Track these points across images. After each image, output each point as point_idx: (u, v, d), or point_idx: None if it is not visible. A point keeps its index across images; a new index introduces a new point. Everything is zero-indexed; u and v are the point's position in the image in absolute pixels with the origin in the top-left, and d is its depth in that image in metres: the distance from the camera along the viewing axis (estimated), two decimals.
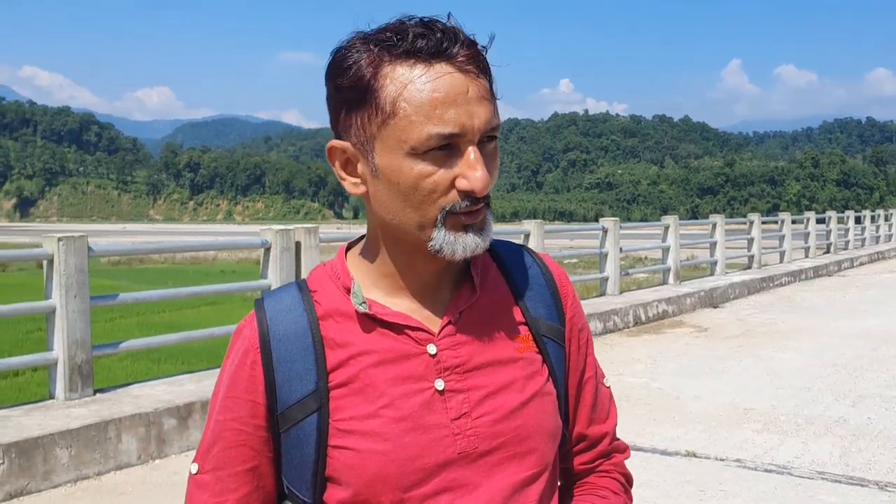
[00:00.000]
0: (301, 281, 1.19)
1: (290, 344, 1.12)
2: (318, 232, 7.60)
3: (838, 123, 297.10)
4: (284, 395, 1.11)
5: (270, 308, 1.15)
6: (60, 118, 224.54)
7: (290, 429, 1.11)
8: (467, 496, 1.09)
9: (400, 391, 1.10)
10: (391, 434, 1.09)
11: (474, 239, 1.07)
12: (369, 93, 1.05)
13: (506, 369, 1.15)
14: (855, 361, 8.43)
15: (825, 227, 22.83)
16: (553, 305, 1.23)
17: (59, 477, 4.89)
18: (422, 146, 1.03)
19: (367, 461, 1.08)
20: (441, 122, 1.02)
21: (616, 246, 12.26)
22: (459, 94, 1.03)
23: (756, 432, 5.91)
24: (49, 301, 5.62)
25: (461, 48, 1.04)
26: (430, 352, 1.12)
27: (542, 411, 1.16)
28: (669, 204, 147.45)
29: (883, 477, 4.93)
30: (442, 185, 1.04)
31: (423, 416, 1.10)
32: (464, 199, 1.05)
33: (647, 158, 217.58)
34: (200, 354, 9.74)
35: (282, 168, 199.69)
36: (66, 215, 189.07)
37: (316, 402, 1.10)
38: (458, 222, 1.06)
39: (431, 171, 1.04)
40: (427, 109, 1.02)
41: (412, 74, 1.03)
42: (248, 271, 24.56)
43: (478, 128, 1.04)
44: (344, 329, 1.13)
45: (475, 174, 1.03)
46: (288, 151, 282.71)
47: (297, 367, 1.11)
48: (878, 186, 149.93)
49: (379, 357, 1.11)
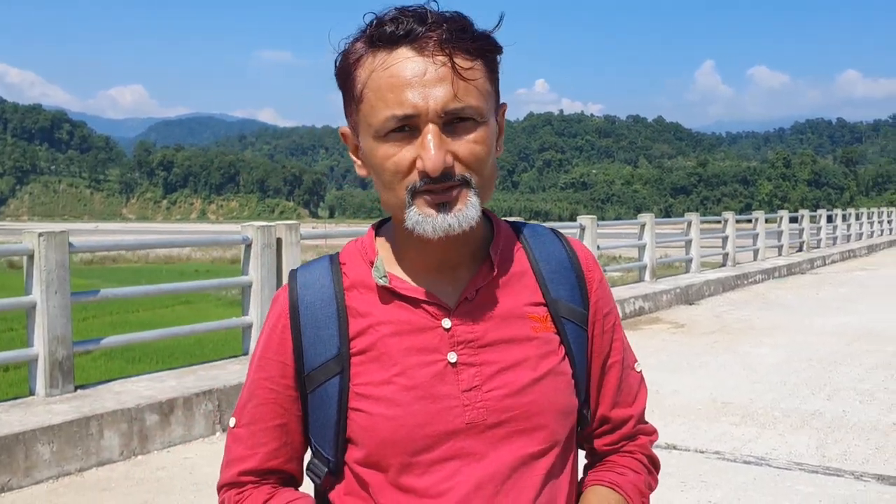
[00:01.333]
0: (335, 254, 1.27)
1: (316, 311, 1.20)
2: (298, 229, 7.60)
3: (810, 124, 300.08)
4: (310, 357, 1.20)
5: (302, 278, 1.24)
6: (32, 116, 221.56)
7: (315, 389, 1.20)
8: (473, 464, 1.14)
9: (413, 361, 1.15)
10: (402, 401, 1.14)
11: (445, 219, 1.10)
12: (349, 82, 1.14)
13: (520, 347, 1.19)
14: (829, 357, 8.56)
15: (798, 226, 23.10)
16: (577, 288, 1.26)
17: (41, 473, 4.86)
18: (381, 129, 1.09)
19: (378, 424, 1.14)
20: (394, 105, 1.08)
21: (594, 244, 12.34)
22: (415, 77, 1.07)
23: (734, 425, 6.00)
24: (29, 297, 5.59)
25: (427, 31, 1.08)
26: (445, 326, 1.16)
27: (555, 390, 1.19)
28: (643, 203, 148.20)
29: (858, 467, 5.03)
30: (402, 165, 1.10)
31: (434, 385, 1.14)
32: (422, 178, 1.09)
33: (622, 158, 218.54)
34: (175, 354, 9.70)
35: (257, 167, 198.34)
36: (38, 214, 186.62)
37: (338, 366, 1.17)
38: (426, 202, 1.10)
39: (392, 153, 1.10)
40: (383, 93, 1.08)
41: (375, 62, 1.10)
42: (223, 270, 24.41)
43: (433, 109, 1.07)
44: (366, 300, 1.19)
45: (427, 154, 1.07)
46: (263, 150, 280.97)
47: (322, 332, 1.19)
48: (848, 186, 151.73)
49: (396, 328, 1.17)
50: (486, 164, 1.13)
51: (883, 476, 4.87)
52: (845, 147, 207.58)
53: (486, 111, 1.12)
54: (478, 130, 1.11)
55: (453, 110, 1.08)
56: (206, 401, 5.79)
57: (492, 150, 1.14)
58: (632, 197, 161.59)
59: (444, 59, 1.08)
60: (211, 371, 6.43)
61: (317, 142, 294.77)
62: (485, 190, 1.14)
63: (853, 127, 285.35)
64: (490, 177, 1.15)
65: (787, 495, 4.57)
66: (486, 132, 1.12)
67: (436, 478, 1.14)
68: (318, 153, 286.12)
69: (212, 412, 5.79)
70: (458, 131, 1.09)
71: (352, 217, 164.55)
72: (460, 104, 1.08)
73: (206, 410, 5.77)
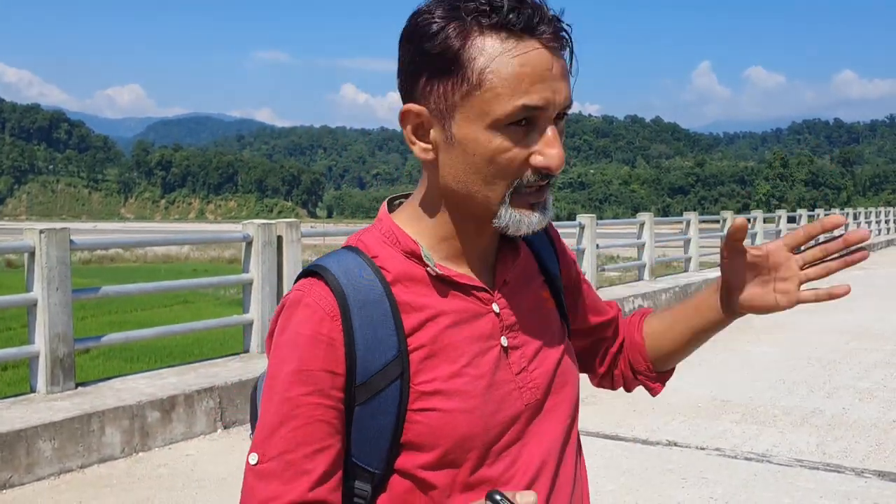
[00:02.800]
0: (352, 247, 1.16)
1: (370, 311, 1.09)
2: (299, 227, 7.61)
3: (807, 124, 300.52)
4: (366, 363, 1.08)
5: (341, 275, 1.11)
6: (30, 115, 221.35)
7: (368, 400, 1.09)
8: (530, 443, 1.16)
9: (476, 349, 1.13)
10: (475, 392, 1.11)
11: (539, 217, 1.11)
12: (457, 62, 1.05)
13: (544, 324, 1.24)
14: (829, 355, 8.58)
15: (796, 226, 23.13)
16: (555, 257, 1.34)
17: (43, 470, 4.87)
18: (506, 118, 1.04)
19: (456, 420, 1.09)
20: (525, 94, 1.04)
21: (592, 243, 12.35)
22: (545, 70, 1.05)
23: (735, 423, 6.01)
24: (30, 294, 5.58)
25: (547, 25, 1.06)
26: (496, 310, 1.17)
27: (573, 359, 1.28)
28: (641, 203, 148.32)
29: (859, 464, 5.04)
30: (517, 161, 1.07)
31: (495, 372, 1.14)
32: (534, 174, 1.07)
33: (619, 158, 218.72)
34: (174, 353, 9.69)
35: (255, 167, 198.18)
36: (36, 213, 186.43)
37: (398, 368, 1.09)
38: (524, 201, 1.09)
39: (509, 147, 1.06)
40: (514, 83, 1.04)
41: (502, 47, 1.04)
42: (221, 270, 24.41)
43: (559, 103, 1.07)
44: (416, 293, 1.13)
45: (553, 151, 1.06)
46: (261, 150, 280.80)
47: (378, 333, 1.09)
48: (845, 186, 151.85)
49: (454, 318, 1.14)
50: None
51: (883, 472, 4.89)
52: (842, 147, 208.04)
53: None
54: (564, 129, 1.12)
55: (567, 107, 1.09)
56: (208, 398, 5.79)
57: None
58: (629, 197, 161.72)
59: (563, 55, 1.09)
60: (212, 368, 6.43)
61: (315, 142, 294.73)
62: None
63: (850, 127, 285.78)
64: None
65: (787, 492, 4.59)
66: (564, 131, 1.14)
67: (503, 465, 1.13)
68: (317, 153, 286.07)
69: (213, 409, 5.80)
70: (559, 128, 1.10)
71: (350, 217, 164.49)
72: (570, 102, 1.10)
73: (208, 407, 5.78)
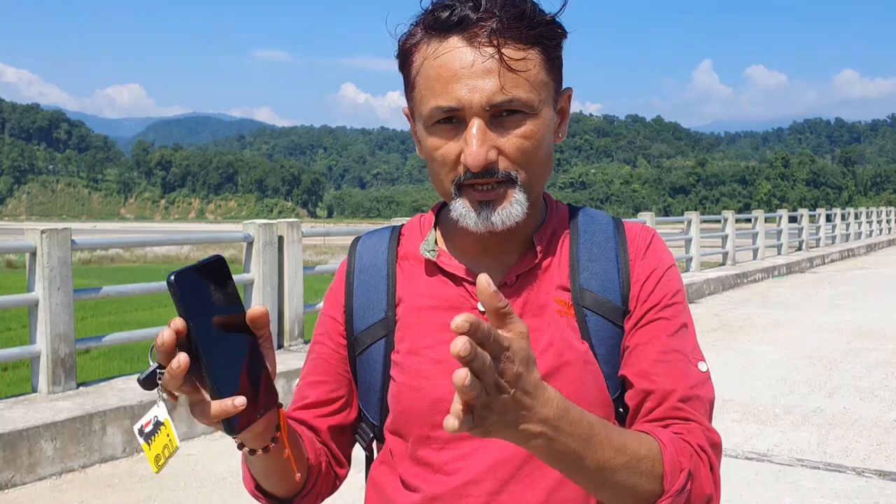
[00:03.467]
0: (399, 225, 1.31)
1: (368, 275, 1.24)
2: (300, 226, 7.61)
3: (808, 124, 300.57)
4: (359, 319, 1.23)
5: (361, 245, 1.29)
6: (30, 115, 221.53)
7: (362, 352, 1.22)
8: (490, 446, 1.12)
9: (444, 337, 1.14)
10: (427, 373, 1.15)
11: (487, 216, 1.09)
12: (406, 66, 1.13)
13: (550, 334, 1.15)
14: (829, 354, 8.58)
15: (797, 226, 23.13)
16: (616, 281, 1.17)
17: (45, 469, 4.87)
18: (429, 119, 1.08)
19: (402, 393, 1.16)
20: (439, 97, 1.06)
21: None
22: (463, 69, 1.05)
23: (735, 422, 6.01)
24: (32, 294, 5.58)
25: (480, 19, 1.05)
26: (480, 308, 1.15)
27: (580, 379, 1.13)
28: (642, 203, 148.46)
29: (860, 463, 5.04)
30: (449, 158, 1.09)
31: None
32: (465, 172, 1.08)
33: (620, 158, 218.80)
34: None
35: (255, 166, 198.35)
36: (36, 213, 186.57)
37: (384, 330, 1.20)
38: (471, 196, 1.09)
39: (440, 145, 1.09)
40: (431, 84, 1.07)
41: (428, 50, 1.08)
42: None
43: (478, 102, 1.05)
44: (413, 271, 1.22)
45: (469, 149, 1.06)
46: (261, 150, 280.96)
47: (371, 296, 1.23)
48: (846, 186, 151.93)
49: (434, 302, 1.18)
50: (536, 158, 1.10)
51: (884, 472, 4.89)
52: (844, 147, 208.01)
53: (537, 103, 1.08)
54: (527, 124, 1.08)
55: (499, 103, 1.05)
56: None
57: (543, 142, 1.10)
58: (630, 196, 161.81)
59: (493, 50, 1.05)
60: None
61: (315, 141, 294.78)
62: (535, 183, 1.12)
63: (851, 127, 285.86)
64: (542, 168, 1.12)
65: (788, 491, 4.59)
66: (536, 125, 1.08)
67: (452, 455, 1.14)
68: (317, 153, 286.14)
69: None
70: (506, 125, 1.07)
71: (350, 217, 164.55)
72: (506, 97, 1.05)
73: None
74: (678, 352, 1.12)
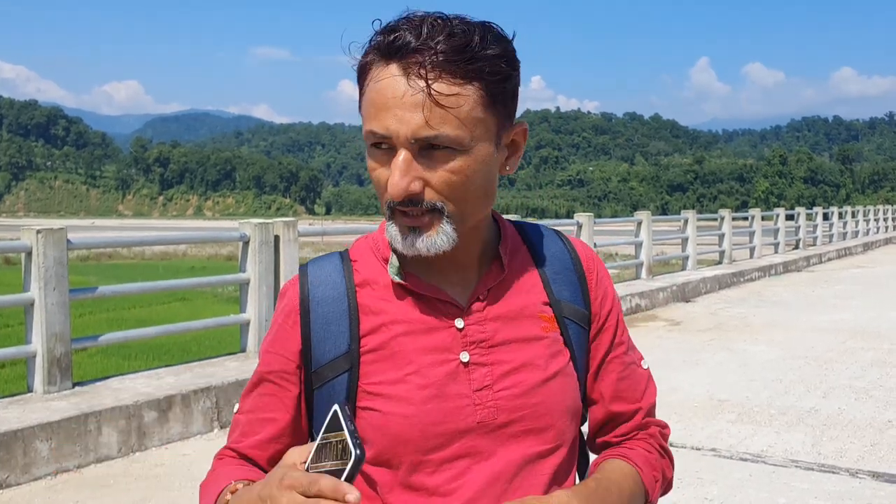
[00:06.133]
0: (344, 251, 1.26)
1: (327, 307, 1.19)
2: (296, 226, 7.60)
3: (806, 122, 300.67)
4: (318, 354, 1.19)
5: (312, 273, 1.23)
6: (27, 112, 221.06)
7: (322, 386, 1.19)
8: (482, 463, 1.15)
9: (427, 360, 1.16)
10: (415, 399, 1.14)
11: (413, 241, 1.10)
12: (359, 85, 1.13)
13: (529, 347, 1.19)
14: (825, 354, 8.59)
15: (794, 224, 23.13)
16: (578, 288, 1.26)
17: (40, 470, 4.87)
18: (367, 140, 1.10)
19: (391, 423, 1.14)
20: (373, 122, 1.07)
21: (590, 241, 12.36)
22: (394, 98, 1.05)
23: (730, 423, 6.03)
24: (27, 294, 5.59)
25: (418, 49, 1.04)
26: (458, 326, 1.17)
27: (563, 391, 1.20)
28: (640, 201, 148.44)
29: (854, 464, 5.06)
30: (381, 181, 1.10)
31: (446, 385, 1.15)
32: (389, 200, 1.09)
33: (618, 156, 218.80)
34: (171, 351, 9.69)
35: (253, 163, 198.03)
36: (34, 210, 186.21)
37: (347, 363, 1.17)
38: (401, 222, 1.11)
39: (374, 167, 1.11)
40: (368, 108, 1.09)
41: (372, 74, 1.09)
42: (218, 267, 24.40)
43: (404, 134, 1.05)
44: (378, 297, 1.19)
45: (392, 179, 1.07)
46: (259, 147, 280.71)
47: (332, 329, 1.19)
48: (844, 184, 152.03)
49: (410, 326, 1.17)
50: (466, 192, 1.09)
51: (878, 473, 4.90)
52: (842, 145, 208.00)
53: (468, 140, 1.06)
54: (456, 160, 1.06)
55: (424, 138, 1.04)
56: (204, 398, 5.80)
57: (475, 178, 1.09)
58: (628, 194, 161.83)
59: (423, 83, 1.03)
60: (209, 368, 6.44)
61: (313, 138, 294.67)
62: (468, 215, 1.12)
63: (849, 125, 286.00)
64: (476, 202, 1.12)
65: (782, 492, 4.60)
66: (465, 161, 1.07)
67: (446, 476, 1.14)
68: (315, 150, 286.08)
69: (210, 409, 5.81)
70: (434, 158, 1.06)
71: (348, 214, 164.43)
72: (432, 132, 1.04)
73: (204, 407, 5.79)
74: (634, 364, 1.32)
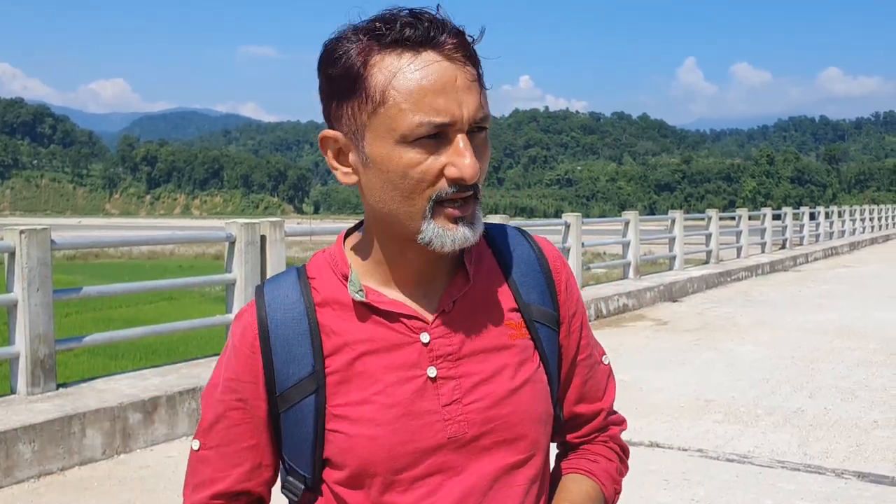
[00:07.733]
0: (301, 267, 1.21)
1: (287, 329, 1.15)
2: (283, 226, 7.57)
3: (793, 122, 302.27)
4: (282, 377, 1.15)
5: (269, 294, 1.18)
6: (13, 110, 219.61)
7: (289, 409, 1.15)
8: (455, 478, 1.13)
9: (393, 378, 1.13)
10: (382, 420, 1.11)
11: (464, 232, 1.07)
12: (359, 82, 1.06)
13: (497, 356, 1.16)
14: (811, 354, 8.62)
15: (781, 224, 23.23)
16: (546, 290, 1.23)
17: (22, 472, 4.83)
18: (411, 134, 1.03)
19: (358, 445, 1.12)
20: (431, 111, 1.03)
21: (578, 241, 12.37)
22: (448, 83, 1.04)
23: (717, 423, 6.03)
24: (11, 295, 5.54)
25: (448, 37, 1.05)
26: (423, 340, 1.14)
27: (533, 398, 1.17)
28: (627, 200, 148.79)
29: (839, 465, 5.07)
30: (430, 173, 1.05)
31: (414, 402, 1.12)
32: (451, 185, 1.05)
33: (606, 155, 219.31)
34: (158, 351, 9.65)
35: (241, 162, 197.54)
36: (20, 209, 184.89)
37: (313, 384, 1.14)
38: (448, 214, 1.07)
39: (420, 160, 1.04)
40: (416, 97, 1.03)
41: (401, 63, 1.04)
42: (205, 266, 24.32)
43: (467, 117, 1.04)
44: (340, 317, 1.15)
45: (464, 161, 1.04)
46: (247, 145, 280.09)
47: (294, 351, 1.14)
48: (830, 184, 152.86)
49: (373, 345, 1.14)
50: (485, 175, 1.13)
51: (863, 473, 4.91)
52: (828, 145, 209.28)
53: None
54: (488, 142, 1.10)
55: (480, 119, 1.07)
56: (190, 399, 5.76)
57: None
58: (616, 194, 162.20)
59: (470, 66, 1.07)
60: (194, 369, 6.40)
61: (301, 137, 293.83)
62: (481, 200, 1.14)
63: (836, 125, 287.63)
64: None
65: (768, 493, 4.60)
66: (489, 144, 1.11)
67: (419, 494, 1.12)
68: (303, 148, 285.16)
69: (195, 410, 5.77)
70: (475, 141, 1.07)
71: (337, 213, 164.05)
72: (483, 114, 1.07)
73: (190, 409, 5.75)
74: (597, 363, 1.31)
